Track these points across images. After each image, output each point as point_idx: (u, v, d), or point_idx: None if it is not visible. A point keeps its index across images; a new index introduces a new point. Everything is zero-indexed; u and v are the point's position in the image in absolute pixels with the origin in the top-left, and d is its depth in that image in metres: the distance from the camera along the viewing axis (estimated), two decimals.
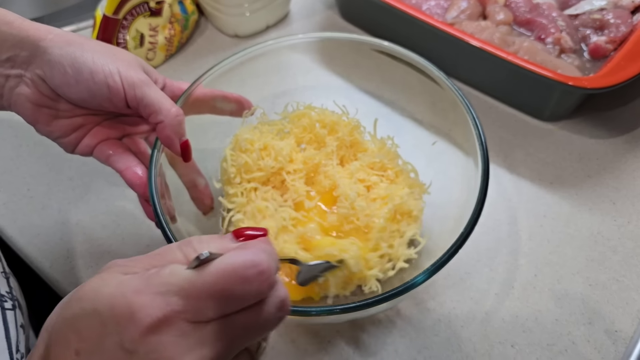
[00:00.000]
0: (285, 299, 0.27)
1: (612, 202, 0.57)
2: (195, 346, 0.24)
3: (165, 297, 0.24)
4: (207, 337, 0.25)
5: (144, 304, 0.24)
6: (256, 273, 0.25)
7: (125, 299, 0.24)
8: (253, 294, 0.25)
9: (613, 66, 0.58)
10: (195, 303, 0.24)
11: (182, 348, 0.24)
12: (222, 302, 0.25)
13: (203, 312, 0.24)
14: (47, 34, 0.41)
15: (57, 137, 0.44)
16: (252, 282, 0.25)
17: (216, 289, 0.24)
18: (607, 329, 0.49)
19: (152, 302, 0.24)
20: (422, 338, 0.49)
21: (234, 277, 0.25)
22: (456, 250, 0.41)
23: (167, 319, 0.24)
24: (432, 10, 0.71)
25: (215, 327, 0.25)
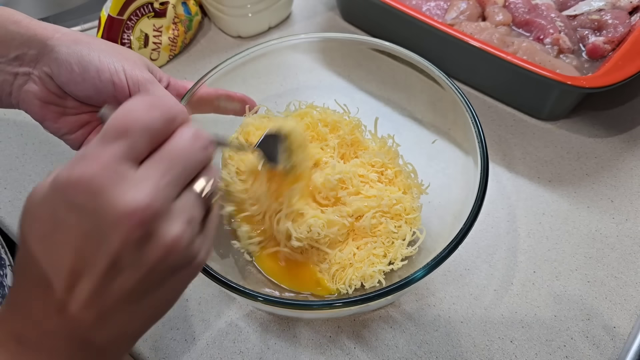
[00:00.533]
0: (196, 131, 0.29)
1: (610, 200, 0.58)
2: (137, 183, 0.26)
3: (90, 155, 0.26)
4: (142, 173, 0.27)
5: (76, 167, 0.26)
6: (152, 101, 0.28)
7: (61, 174, 0.26)
8: (161, 118, 0.28)
9: (611, 66, 0.59)
10: (114, 144, 0.26)
11: (124, 188, 0.26)
12: (134, 133, 0.27)
13: (128, 149, 0.27)
14: (55, 32, 0.42)
15: (64, 134, 0.45)
16: (153, 108, 0.28)
17: (122, 122, 0.27)
18: (605, 325, 0.50)
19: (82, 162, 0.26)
20: (422, 333, 0.50)
21: (135, 108, 0.27)
22: (455, 246, 0.42)
23: (99, 168, 0.26)
24: (432, 11, 0.72)
25: (147, 164, 0.27)
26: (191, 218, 0.29)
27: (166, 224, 0.27)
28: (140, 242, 0.26)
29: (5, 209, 0.61)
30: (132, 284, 0.27)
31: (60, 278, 0.26)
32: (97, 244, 0.26)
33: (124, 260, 0.26)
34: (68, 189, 0.26)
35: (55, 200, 0.26)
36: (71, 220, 0.26)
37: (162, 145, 0.28)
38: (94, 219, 0.26)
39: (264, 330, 0.51)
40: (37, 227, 0.27)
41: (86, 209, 0.26)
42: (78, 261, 0.26)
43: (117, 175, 0.26)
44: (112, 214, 0.25)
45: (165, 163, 0.28)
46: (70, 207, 0.26)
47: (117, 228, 0.26)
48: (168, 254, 0.27)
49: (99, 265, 0.26)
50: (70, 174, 0.26)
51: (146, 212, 0.26)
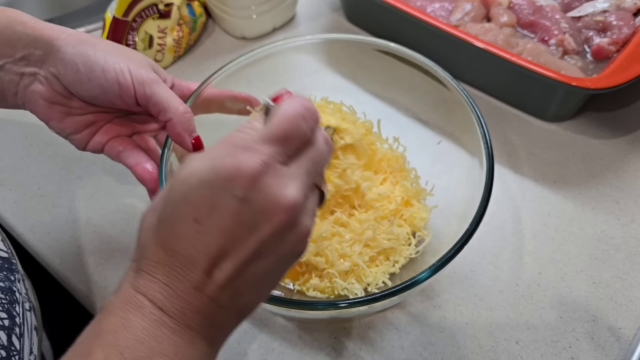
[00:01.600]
0: (326, 136, 0.33)
1: (615, 202, 0.58)
2: (289, 181, 0.29)
3: (256, 149, 0.29)
4: (293, 172, 0.30)
5: (242, 160, 0.28)
6: (309, 111, 0.31)
7: (225, 162, 0.28)
8: (311, 128, 0.31)
9: (616, 67, 0.59)
10: (278, 146, 0.29)
11: (281, 185, 0.29)
12: (295, 139, 0.30)
13: (285, 152, 0.30)
14: (61, 33, 0.42)
15: (69, 134, 0.45)
16: (308, 119, 0.31)
17: (288, 129, 0.30)
18: (611, 326, 0.49)
19: (247, 156, 0.28)
20: (428, 334, 0.50)
21: (296, 117, 0.30)
22: (460, 247, 0.42)
23: (263, 165, 0.28)
24: (437, 12, 0.72)
25: (296, 164, 0.30)
26: (315, 212, 0.33)
27: (304, 218, 0.30)
28: (286, 232, 0.29)
29: (10, 210, 0.61)
30: (264, 269, 0.30)
31: (206, 259, 0.28)
32: (250, 231, 0.28)
33: (268, 247, 0.29)
34: (234, 179, 0.28)
35: (218, 186, 0.28)
36: (231, 207, 0.28)
37: (305, 147, 0.31)
38: (254, 209, 0.28)
39: (269, 331, 0.51)
40: (192, 209, 0.28)
41: (249, 200, 0.28)
42: (227, 245, 0.28)
43: (276, 172, 0.29)
44: (272, 206, 0.28)
45: (309, 165, 0.31)
46: (232, 195, 0.28)
47: (272, 219, 0.28)
48: (299, 244, 0.31)
49: (245, 251, 0.28)
50: (237, 165, 0.28)
51: (298, 206, 0.29)
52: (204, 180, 0.28)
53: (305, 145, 0.31)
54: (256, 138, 0.30)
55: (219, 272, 0.28)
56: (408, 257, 0.50)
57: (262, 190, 0.28)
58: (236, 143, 0.29)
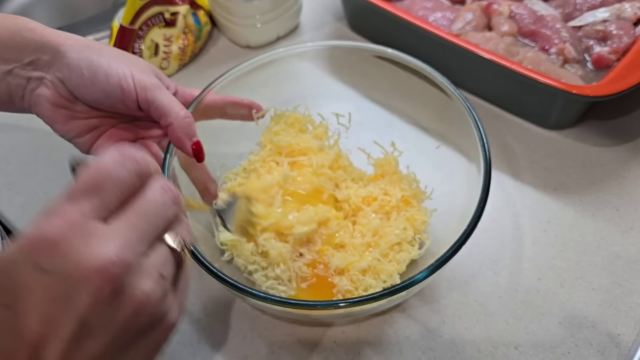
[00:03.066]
0: (165, 184, 0.29)
1: (615, 209, 0.58)
2: (105, 239, 0.25)
3: (57, 212, 0.25)
4: (112, 228, 0.26)
5: (42, 226, 0.25)
6: (130, 158, 0.28)
7: (25, 235, 0.25)
8: (136, 174, 0.28)
9: (615, 75, 0.60)
10: (86, 200, 0.26)
11: (93, 244, 0.25)
12: (108, 188, 0.26)
13: (99, 206, 0.26)
14: (67, 39, 0.43)
15: (73, 137, 0.46)
16: (128, 165, 0.27)
17: (97, 178, 0.26)
18: (610, 332, 0.49)
19: (48, 221, 0.25)
20: (427, 339, 0.50)
21: (110, 164, 0.27)
22: (458, 248, 0.42)
23: (65, 226, 0.25)
24: (438, 21, 0.73)
25: (115, 221, 0.26)
26: (162, 274, 0.28)
27: (136, 280, 0.26)
28: (110, 300, 0.25)
29: (16, 213, 0.62)
30: (101, 347, 0.26)
31: (23, 350, 0.24)
32: (64, 305, 0.24)
33: (93, 321, 0.25)
34: (33, 249, 0.25)
35: (19, 262, 0.25)
36: (36, 283, 0.24)
37: (131, 199, 0.28)
38: (60, 279, 0.24)
39: (269, 334, 0.51)
40: (1, 293, 0.25)
41: (52, 269, 0.24)
42: (43, 328, 0.24)
43: (85, 231, 0.25)
44: (79, 271, 0.24)
45: (135, 218, 0.27)
46: (35, 268, 0.24)
47: (84, 286, 0.24)
48: (138, 312, 0.26)
49: (66, 329, 0.24)
50: (36, 233, 0.25)
51: (115, 267, 0.25)
52: (8, 260, 0.25)
53: (131, 197, 0.28)
54: (62, 199, 0.26)
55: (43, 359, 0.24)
56: (409, 259, 0.51)
57: (66, 255, 0.24)
58: (43, 211, 0.26)
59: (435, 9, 0.74)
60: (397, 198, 0.52)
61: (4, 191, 0.64)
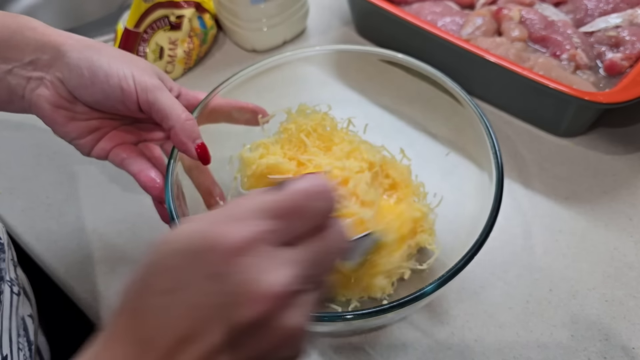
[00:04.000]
0: (344, 228, 0.29)
1: (628, 218, 0.57)
2: (281, 266, 0.25)
3: (247, 221, 0.25)
4: (291, 257, 0.26)
5: (226, 231, 0.25)
6: (324, 189, 0.27)
7: (206, 231, 0.25)
8: (325, 210, 0.27)
9: (628, 82, 0.58)
10: (277, 221, 0.26)
11: (268, 268, 0.24)
12: (300, 217, 0.26)
13: (286, 231, 0.26)
14: (68, 39, 0.42)
15: (73, 139, 0.45)
16: (322, 200, 0.27)
17: (294, 205, 0.26)
18: (624, 346, 0.48)
19: (234, 228, 0.25)
20: (435, 351, 0.49)
21: (308, 193, 0.27)
22: (468, 260, 0.41)
23: (250, 240, 0.24)
24: (448, 26, 0.72)
25: (297, 250, 0.26)
26: (312, 312, 0.27)
27: (293, 313, 0.26)
28: (264, 326, 0.25)
29: (18, 217, 0.61)
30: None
31: (167, 340, 0.25)
32: (220, 316, 0.24)
33: (240, 340, 0.25)
34: (210, 253, 0.24)
35: (191, 258, 0.25)
36: (203, 285, 0.24)
37: (316, 233, 0.27)
38: (227, 291, 0.24)
39: None
40: (161, 279, 0.25)
41: (223, 279, 0.24)
42: (193, 327, 0.24)
43: (262, 252, 0.25)
44: (247, 291, 0.24)
45: (317, 255, 0.27)
46: (206, 272, 0.24)
47: (247, 307, 0.24)
48: (284, 344, 0.26)
49: (212, 338, 0.24)
50: (218, 236, 0.25)
51: (281, 298, 0.25)
52: (179, 250, 0.25)
53: (314, 231, 0.27)
54: (254, 208, 0.26)
55: (180, 357, 0.24)
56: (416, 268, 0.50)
57: (241, 269, 0.24)
58: (231, 210, 0.26)
59: (444, 13, 0.73)
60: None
61: (5, 195, 0.64)
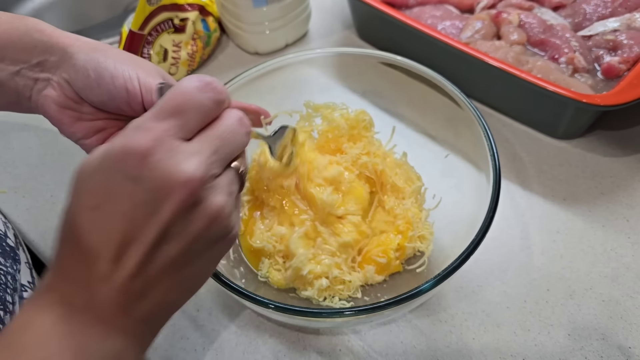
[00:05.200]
0: (240, 115, 0.32)
1: (625, 220, 0.57)
2: (187, 156, 0.28)
3: (146, 127, 0.28)
4: (193, 148, 0.29)
5: (132, 139, 0.27)
6: (207, 83, 0.30)
7: (114, 146, 0.28)
8: (213, 101, 0.30)
9: (626, 85, 0.59)
10: (171, 120, 0.29)
11: (177, 160, 0.28)
12: (189, 111, 0.29)
13: (182, 126, 0.29)
14: (75, 41, 0.43)
15: (79, 139, 0.46)
16: (207, 91, 0.30)
17: (180, 101, 0.29)
18: (621, 345, 0.49)
19: (137, 135, 0.28)
20: (434, 349, 0.49)
21: (190, 89, 0.30)
22: (465, 259, 0.42)
23: (154, 141, 0.27)
24: (447, 30, 0.73)
25: (197, 140, 0.29)
26: (231, 192, 0.31)
27: (212, 195, 0.29)
28: (189, 210, 0.28)
29: (22, 216, 0.62)
30: (177, 252, 0.29)
31: (109, 248, 0.27)
32: (150, 212, 0.27)
33: (173, 229, 0.28)
34: (124, 160, 0.27)
35: (109, 170, 0.27)
36: (125, 189, 0.27)
37: (210, 124, 0.30)
38: (148, 188, 0.27)
39: (274, 341, 0.51)
40: (88, 197, 0.28)
41: (142, 179, 0.27)
42: (129, 230, 0.27)
43: (170, 148, 0.28)
44: (166, 183, 0.27)
45: (215, 142, 0.30)
46: (125, 177, 0.27)
47: (170, 197, 0.27)
48: (211, 223, 0.29)
49: (149, 234, 0.27)
50: (127, 144, 0.27)
51: (197, 183, 0.28)
52: (97, 166, 0.28)
53: (210, 121, 0.31)
54: (148, 116, 0.29)
55: (126, 258, 0.27)
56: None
57: (155, 167, 0.27)
58: (129, 125, 0.29)
59: (444, 17, 0.74)
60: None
61: (10, 194, 0.64)
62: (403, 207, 0.52)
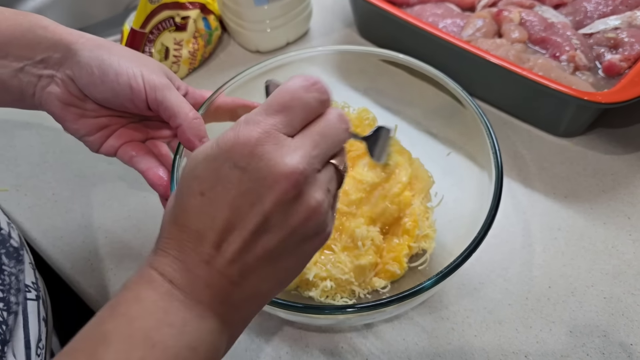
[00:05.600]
0: (341, 112, 0.32)
1: (627, 217, 0.58)
2: (292, 150, 0.29)
3: (255, 121, 0.29)
4: (297, 142, 0.30)
5: (242, 130, 0.29)
6: (312, 83, 0.31)
7: (226, 135, 0.29)
8: (317, 100, 0.31)
9: (627, 82, 0.59)
10: (278, 116, 0.30)
11: (283, 153, 0.29)
12: (295, 108, 0.30)
13: (288, 122, 0.30)
14: (79, 38, 0.43)
15: (83, 136, 0.46)
16: (312, 90, 0.31)
17: (287, 99, 0.30)
18: (622, 342, 0.49)
19: (247, 127, 0.29)
20: (436, 346, 0.49)
21: (296, 88, 0.30)
22: (467, 256, 0.41)
23: (262, 134, 0.29)
24: (449, 28, 0.73)
25: (301, 135, 0.30)
26: (330, 189, 0.31)
27: (312, 190, 0.30)
28: (290, 203, 0.29)
29: (24, 214, 0.62)
30: (274, 243, 0.29)
31: (213, 232, 0.29)
32: (253, 201, 0.28)
33: (273, 219, 0.29)
34: (234, 149, 0.28)
35: (220, 158, 0.29)
36: (232, 178, 0.28)
37: (313, 121, 0.31)
38: (254, 177, 0.28)
39: (277, 339, 0.51)
40: (197, 183, 0.29)
41: (248, 168, 0.28)
42: (233, 217, 0.29)
43: (277, 141, 0.29)
44: (271, 174, 0.28)
45: (317, 137, 0.30)
46: (233, 165, 0.28)
47: (274, 187, 0.28)
48: (309, 218, 0.30)
49: (251, 223, 0.28)
50: (237, 135, 0.29)
51: (300, 175, 0.28)
52: (208, 155, 0.29)
53: (313, 118, 0.31)
54: (257, 111, 0.30)
55: (227, 245, 0.29)
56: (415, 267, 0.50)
57: (262, 158, 0.28)
58: (239, 120, 0.30)
59: (445, 15, 0.74)
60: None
61: (12, 192, 0.65)
62: (411, 207, 0.52)
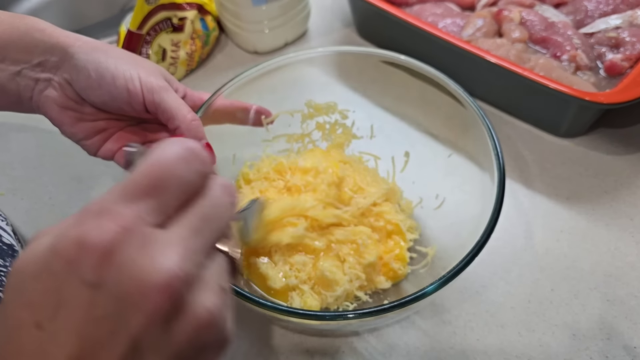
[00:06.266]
0: (226, 183, 0.26)
1: (629, 218, 0.57)
2: (165, 248, 0.22)
3: (111, 212, 0.21)
4: (173, 235, 0.23)
5: (90, 229, 0.21)
6: (193, 153, 0.24)
7: (67, 236, 0.21)
8: (197, 173, 0.24)
9: (629, 82, 0.59)
10: (145, 201, 0.22)
11: (152, 255, 0.21)
12: (169, 188, 0.23)
13: (158, 208, 0.23)
14: (76, 41, 0.43)
15: (81, 139, 0.46)
16: (191, 161, 0.24)
17: (158, 176, 0.23)
18: (626, 345, 0.48)
19: (98, 223, 0.21)
20: (438, 350, 0.49)
21: (172, 159, 0.23)
22: (469, 261, 0.41)
23: (121, 232, 0.21)
24: (448, 28, 0.72)
25: (177, 224, 0.23)
26: (223, 286, 0.24)
27: (198, 296, 0.22)
28: (168, 319, 0.21)
29: (21, 218, 0.61)
30: None
31: None
32: (114, 326, 0.21)
33: (146, 344, 0.21)
34: (79, 259, 0.20)
35: (60, 273, 0.21)
36: (81, 300, 0.21)
37: (192, 199, 0.24)
38: (112, 296, 0.21)
39: (276, 343, 0.50)
40: (31, 311, 0.21)
41: (103, 285, 0.21)
42: (84, 353, 0.21)
43: (143, 239, 0.21)
44: (137, 288, 0.21)
45: (198, 223, 0.24)
46: (80, 282, 0.20)
47: (140, 306, 0.21)
48: (200, 334, 0.22)
49: (112, 355, 0.21)
50: (83, 236, 0.21)
51: (178, 282, 0.21)
52: (42, 266, 0.21)
53: (192, 198, 0.24)
54: (114, 196, 0.22)
55: None
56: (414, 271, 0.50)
57: (122, 267, 0.21)
58: (89, 207, 0.22)
59: (445, 15, 0.73)
60: None
61: (9, 196, 0.64)
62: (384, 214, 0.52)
